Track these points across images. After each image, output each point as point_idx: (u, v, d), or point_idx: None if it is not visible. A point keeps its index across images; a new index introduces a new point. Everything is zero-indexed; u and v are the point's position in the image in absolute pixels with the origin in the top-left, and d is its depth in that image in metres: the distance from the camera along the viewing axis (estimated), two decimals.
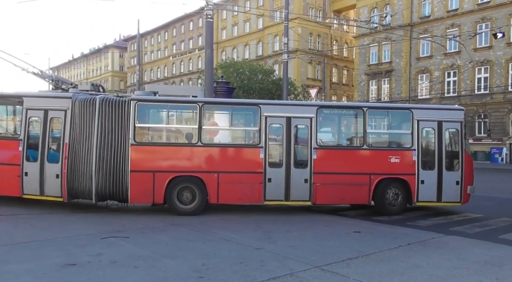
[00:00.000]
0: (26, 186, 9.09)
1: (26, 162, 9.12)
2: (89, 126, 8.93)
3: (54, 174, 8.99)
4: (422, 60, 35.53)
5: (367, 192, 9.34)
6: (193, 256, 5.64)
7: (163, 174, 8.84)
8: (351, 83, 47.98)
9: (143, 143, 9.13)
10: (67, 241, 6.43)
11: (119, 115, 8.91)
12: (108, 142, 8.85)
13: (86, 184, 8.88)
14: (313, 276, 4.88)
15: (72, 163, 8.95)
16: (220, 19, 56.38)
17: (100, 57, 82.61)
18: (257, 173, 9.04)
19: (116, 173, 8.86)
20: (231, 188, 9.01)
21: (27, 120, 9.23)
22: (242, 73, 35.54)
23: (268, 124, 9.18)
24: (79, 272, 4.87)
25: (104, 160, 8.82)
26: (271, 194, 9.11)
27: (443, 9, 34.19)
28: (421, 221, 8.81)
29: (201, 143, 9.02)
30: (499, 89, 30.82)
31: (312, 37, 47.32)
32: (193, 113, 9.33)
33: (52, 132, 9.31)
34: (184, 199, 9.04)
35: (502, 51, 30.55)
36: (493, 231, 7.93)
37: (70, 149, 8.96)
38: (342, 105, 12.53)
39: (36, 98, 9.51)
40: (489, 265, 5.51)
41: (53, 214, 8.90)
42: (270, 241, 6.74)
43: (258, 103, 9.97)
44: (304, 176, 9.15)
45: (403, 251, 6.19)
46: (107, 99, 9.02)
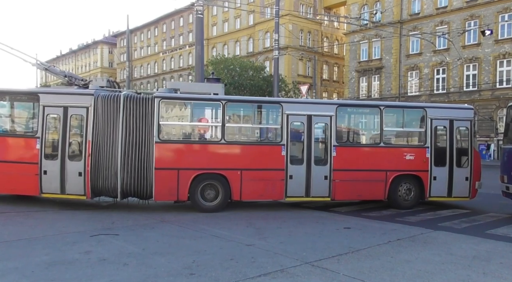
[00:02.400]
0: (45, 185, 8.88)
1: (45, 160, 8.91)
2: (113, 123, 8.80)
3: (76, 171, 8.82)
4: (412, 57, 35.80)
5: (383, 188, 9.64)
6: (184, 253, 5.62)
7: (187, 171, 8.87)
8: (342, 80, 48.16)
9: (167, 140, 9.10)
10: (55, 238, 6.36)
11: (143, 113, 8.84)
12: (132, 139, 8.77)
13: (111, 181, 8.77)
14: (304, 272, 4.91)
15: (96, 161, 8.80)
16: (211, 15, 56.06)
17: (89, 53, 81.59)
18: (279, 170, 9.17)
19: (141, 170, 8.80)
20: (253, 185, 9.14)
21: (45, 118, 8.99)
22: (232, 70, 35.40)
23: (290, 122, 9.32)
24: (68, 270, 4.82)
25: (129, 157, 8.74)
26: (292, 191, 9.27)
27: (432, 6, 34.45)
28: (410, 217, 8.90)
29: (225, 140, 9.07)
30: (487, 86, 31.21)
31: (303, 33, 47.34)
32: (216, 111, 9.39)
33: (73, 130, 9.14)
34: (207, 196, 9.09)
35: (490, 48, 30.91)
36: (480, 226, 8.04)
37: (93, 146, 8.81)
38: (360, 104, 12.82)
39: (54, 95, 9.30)
40: (477, 260, 5.58)
41: (41, 211, 8.79)
42: (261, 237, 6.75)
43: (280, 101, 10.10)
44: (324, 173, 9.35)
45: (392, 247, 6.24)
46: (131, 96, 8.95)
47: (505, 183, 9.11)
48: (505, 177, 9.15)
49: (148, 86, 66.57)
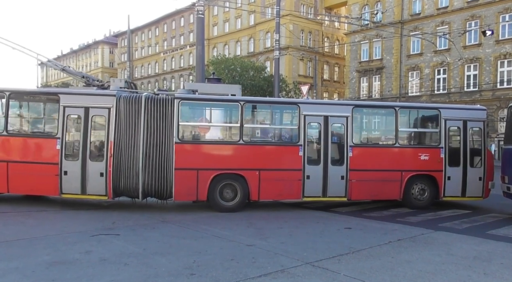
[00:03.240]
0: (65, 185, 8.87)
1: (65, 161, 8.90)
2: (134, 124, 8.84)
3: (98, 172, 8.84)
4: (413, 58, 35.77)
5: (399, 188, 9.75)
6: (185, 253, 5.62)
7: (207, 172, 8.96)
8: (342, 80, 48.14)
9: (187, 140, 9.20)
10: (56, 238, 6.36)
11: (163, 113, 8.90)
12: (153, 139, 8.82)
13: (132, 181, 8.81)
14: (304, 272, 4.91)
15: (118, 161, 8.82)
16: (212, 15, 56.06)
17: (90, 53, 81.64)
18: (296, 170, 9.26)
19: (161, 171, 8.85)
20: (271, 185, 9.22)
21: (65, 118, 8.97)
22: (233, 70, 35.40)
23: (307, 122, 9.45)
24: (69, 269, 4.82)
25: (150, 157, 8.80)
26: (310, 191, 9.36)
27: (433, 7, 34.42)
28: (411, 217, 8.89)
29: (243, 140, 9.16)
30: (488, 86, 31.18)
31: (304, 34, 47.33)
32: (235, 112, 9.45)
33: (94, 130, 9.12)
34: (226, 195, 9.17)
35: (491, 48, 30.88)
36: (481, 226, 8.04)
37: (115, 147, 8.82)
38: (376, 105, 12.98)
39: (75, 95, 9.29)
40: (478, 260, 5.58)
41: (42, 211, 8.80)
42: (262, 237, 6.75)
43: (297, 102, 10.26)
44: (340, 173, 9.45)
45: (393, 247, 6.24)
46: (152, 97, 9.02)
47: (506, 183, 9.09)
48: (506, 177, 9.14)
49: (149, 86, 66.54)
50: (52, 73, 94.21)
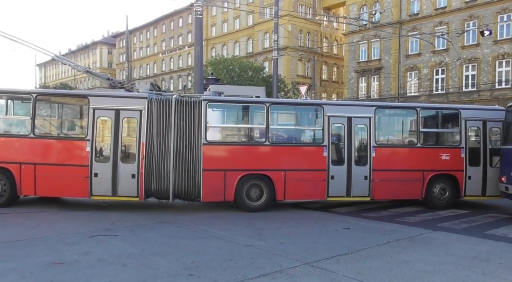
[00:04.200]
0: (95, 187, 8.87)
1: (96, 163, 8.91)
2: (165, 126, 8.94)
3: (130, 173, 8.88)
4: (411, 58, 35.80)
5: (421, 188, 9.88)
6: (183, 254, 5.62)
7: (234, 172, 9.11)
8: (341, 80, 48.13)
9: (214, 142, 9.31)
10: (55, 239, 6.35)
11: (192, 115, 9.02)
12: (182, 141, 8.95)
13: (163, 183, 8.90)
14: (303, 272, 4.90)
15: (149, 163, 8.89)
16: (210, 15, 56.03)
17: (88, 53, 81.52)
18: (321, 171, 9.40)
19: (190, 172, 8.97)
20: (297, 185, 9.35)
21: (95, 120, 8.98)
22: (232, 70, 35.38)
23: (331, 123, 9.58)
24: (67, 270, 4.81)
25: (179, 159, 8.91)
26: (334, 191, 9.51)
27: (432, 7, 34.46)
28: (409, 217, 8.90)
29: (269, 141, 9.32)
30: (486, 86, 31.21)
31: (302, 34, 47.33)
32: (260, 113, 9.57)
33: (125, 132, 9.19)
34: (253, 195, 9.31)
35: (489, 49, 30.92)
36: (480, 226, 8.05)
37: (146, 149, 8.89)
38: (398, 106, 13.08)
39: (104, 98, 9.27)
40: (476, 260, 5.59)
41: (41, 212, 8.78)
42: (261, 238, 6.74)
43: (321, 103, 10.47)
44: (364, 173, 9.59)
45: (392, 247, 6.24)
46: (181, 99, 9.14)
47: (505, 183, 9.11)
48: (504, 177, 9.16)
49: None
50: (50, 74, 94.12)
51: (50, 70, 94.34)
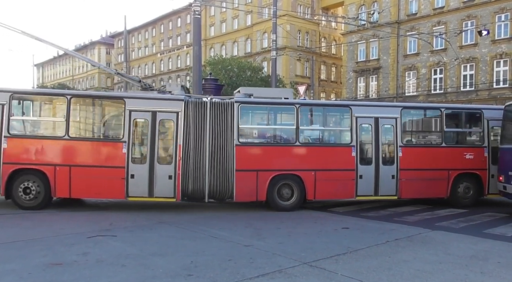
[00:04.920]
0: (131, 188, 8.92)
1: (132, 164, 8.96)
2: (200, 128, 9.08)
3: (167, 175, 8.96)
4: (409, 58, 35.85)
5: (446, 186, 10.09)
6: (182, 254, 5.61)
7: (266, 173, 9.27)
8: (340, 80, 48.18)
9: (246, 143, 9.48)
10: (53, 240, 6.33)
11: (224, 117, 9.19)
12: (216, 142, 9.11)
13: (199, 183, 9.02)
14: (302, 272, 4.90)
15: (186, 164, 8.98)
16: (208, 15, 56.03)
17: (87, 53, 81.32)
18: (349, 170, 9.59)
19: (223, 173, 9.10)
20: (326, 184, 9.53)
21: (132, 122, 9.01)
22: (230, 70, 35.39)
23: (359, 124, 9.79)
24: (65, 271, 4.80)
25: (214, 160, 9.06)
26: (362, 190, 9.70)
27: (430, 7, 34.51)
28: (408, 217, 8.91)
29: (299, 142, 9.53)
30: (484, 86, 31.28)
31: (301, 34, 47.36)
32: (290, 114, 9.70)
33: (162, 134, 9.25)
34: (284, 195, 9.48)
35: (487, 48, 30.98)
36: (478, 225, 8.07)
37: (183, 150, 8.98)
38: (423, 106, 13.26)
39: (141, 100, 9.31)
40: (475, 259, 5.60)
41: (38, 213, 8.75)
42: (260, 238, 6.75)
43: (349, 104, 10.54)
44: (391, 172, 9.80)
45: (390, 247, 6.25)
46: (215, 101, 9.33)
47: (503, 182, 9.14)
48: (502, 176, 9.18)
49: None
50: (48, 74, 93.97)
51: (48, 70, 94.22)
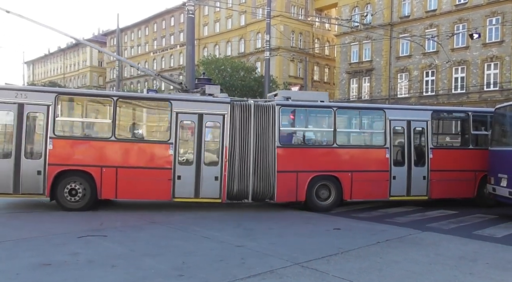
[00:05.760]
0: (178, 190, 9.02)
1: (179, 166, 9.04)
2: (245, 130, 9.29)
3: (213, 176, 9.11)
4: (402, 60, 36.10)
5: (473, 187, 10.40)
6: (173, 254, 5.59)
7: (305, 174, 9.50)
8: (332, 81, 48.34)
9: (287, 145, 9.68)
10: (42, 240, 6.27)
11: (266, 119, 9.40)
12: (259, 144, 9.33)
13: (244, 184, 9.24)
14: (293, 272, 4.91)
15: (232, 165, 9.17)
16: (202, 15, 55.87)
17: (78, 51, 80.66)
18: (383, 171, 9.91)
19: (265, 174, 9.32)
20: (362, 185, 9.81)
21: (178, 124, 9.10)
22: (224, 70, 35.31)
23: (392, 127, 10.11)
24: (55, 272, 4.75)
25: (257, 161, 9.29)
26: (395, 190, 10.00)
27: (422, 10, 34.78)
28: (399, 218, 8.98)
29: (336, 144, 9.77)
30: (475, 88, 31.61)
31: (294, 35, 47.44)
32: (328, 117, 9.99)
33: (208, 136, 9.43)
34: (322, 196, 9.74)
35: (478, 51, 31.31)
36: (468, 227, 8.15)
37: (229, 152, 9.15)
38: (452, 110, 13.51)
39: (187, 102, 9.37)
40: (464, 260, 5.65)
41: (28, 212, 8.67)
42: (251, 238, 6.74)
43: (383, 107, 10.82)
44: (422, 173, 10.12)
45: (381, 247, 6.28)
46: (259, 104, 9.55)
47: (492, 184, 9.24)
48: (492, 178, 9.29)
49: (138, 86, 66.06)
50: (39, 72, 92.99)
51: (38, 68, 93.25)
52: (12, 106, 8.48)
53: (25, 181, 8.46)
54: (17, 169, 8.45)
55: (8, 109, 8.53)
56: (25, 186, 8.47)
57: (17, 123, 8.49)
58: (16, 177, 8.44)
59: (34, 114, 8.74)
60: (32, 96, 8.64)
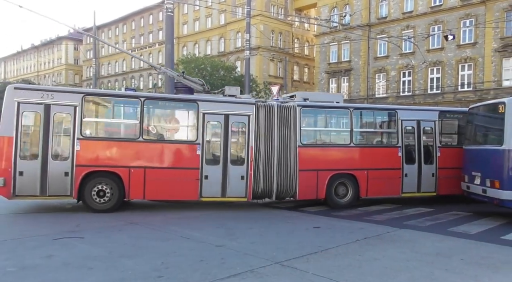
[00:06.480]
0: (205, 189, 9.13)
1: (206, 165, 9.13)
2: (269, 130, 9.58)
3: (239, 175, 9.29)
4: (379, 60, 36.73)
5: None
6: (153, 255, 5.50)
7: (325, 172, 9.88)
8: (312, 81, 48.75)
9: (308, 144, 10.06)
10: (15, 243, 6.08)
11: (288, 120, 9.70)
12: (282, 144, 9.62)
13: (268, 183, 9.52)
14: (273, 272, 4.92)
15: (257, 165, 9.41)
16: (181, 13, 55.35)
17: (53, 49, 78.58)
18: (396, 169, 10.37)
19: (288, 172, 9.61)
20: (377, 183, 10.21)
21: (205, 125, 9.20)
22: (203, 69, 35.12)
23: (403, 126, 10.59)
24: (28, 275, 4.60)
25: (280, 161, 9.57)
26: (407, 187, 10.46)
27: (399, 11, 35.46)
28: (377, 216, 9.12)
29: (353, 143, 10.22)
30: (450, 89, 32.45)
31: (274, 34, 47.58)
32: (345, 118, 10.41)
33: (234, 136, 9.60)
34: (340, 193, 10.12)
35: (452, 53, 32.15)
36: (443, 224, 8.35)
37: (255, 152, 9.38)
38: (459, 111, 13.72)
39: (214, 103, 9.53)
40: (440, 257, 5.78)
41: (1, 214, 8.37)
42: (232, 238, 6.72)
43: (396, 108, 11.20)
44: (431, 171, 10.66)
45: (360, 245, 6.37)
46: (282, 105, 9.84)
47: (466, 182, 9.50)
48: (466, 176, 9.55)
49: (116, 84, 64.91)
50: (11, 70, 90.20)
51: (10, 65, 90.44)
52: (39, 107, 8.41)
53: (52, 182, 8.38)
54: (44, 170, 8.37)
55: (34, 110, 8.46)
56: (52, 188, 8.40)
57: (43, 124, 8.43)
58: (43, 178, 8.36)
59: (60, 115, 8.67)
60: (58, 97, 8.60)
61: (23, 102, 8.34)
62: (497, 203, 8.38)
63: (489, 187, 8.52)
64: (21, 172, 8.23)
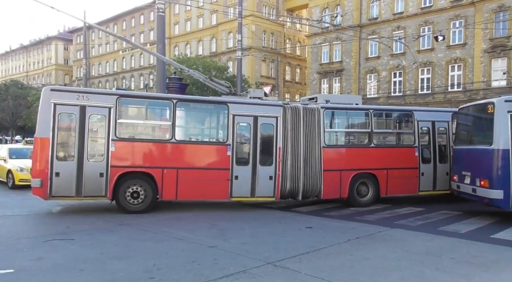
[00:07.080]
0: (235, 189, 9.29)
1: (236, 166, 9.32)
2: (296, 131, 9.82)
3: (268, 176, 9.53)
4: (371, 61, 36.97)
5: None
6: (144, 257, 5.47)
7: (348, 172, 10.16)
8: (304, 81, 48.90)
9: (331, 145, 10.33)
10: (4, 245, 5.99)
11: (312, 121, 9.96)
12: (307, 145, 9.87)
13: (295, 183, 9.76)
14: (266, 272, 4.92)
15: (284, 165, 9.66)
16: (173, 13, 55.11)
17: (42, 49, 77.71)
18: (413, 169, 10.71)
19: (313, 173, 9.87)
20: (396, 182, 10.47)
21: (235, 126, 9.39)
22: (195, 70, 34.95)
23: (419, 127, 10.95)
24: (18, 278, 4.55)
25: (306, 161, 9.81)
26: (423, 186, 10.81)
27: (390, 12, 35.74)
28: (369, 216, 9.17)
29: (374, 144, 10.53)
30: (440, 89, 32.77)
31: (266, 35, 47.62)
32: (366, 119, 10.69)
33: (263, 137, 9.68)
34: (362, 192, 10.38)
35: (443, 53, 32.48)
36: (433, 223, 8.42)
37: (282, 152, 9.62)
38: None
39: (243, 105, 9.68)
40: (430, 256, 5.84)
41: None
42: (224, 238, 6.70)
43: (412, 109, 11.63)
44: (445, 170, 10.93)
45: (352, 245, 6.40)
46: (307, 107, 10.09)
47: (456, 181, 9.60)
48: (456, 176, 9.65)
49: (107, 85, 64.42)
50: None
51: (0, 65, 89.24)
52: (75, 108, 8.47)
53: (87, 183, 8.43)
54: (80, 171, 8.41)
55: (70, 111, 8.51)
56: (87, 189, 8.44)
57: (79, 126, 8.48)
58: (79, 179, 8.38)
59: (96, 117, 8.75)
60: (93, 99, 8.66)
61: (59, 104, 8.39)
62: (486, 202, 8.48)
63: (478, 186, 8.61)
64: (58, 172, 8.27)
